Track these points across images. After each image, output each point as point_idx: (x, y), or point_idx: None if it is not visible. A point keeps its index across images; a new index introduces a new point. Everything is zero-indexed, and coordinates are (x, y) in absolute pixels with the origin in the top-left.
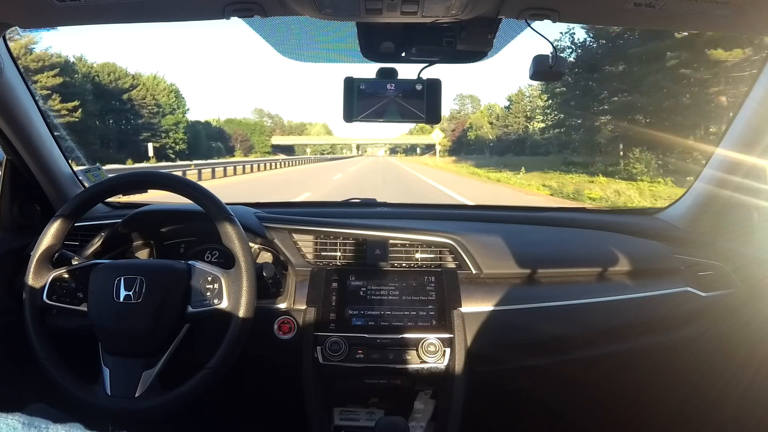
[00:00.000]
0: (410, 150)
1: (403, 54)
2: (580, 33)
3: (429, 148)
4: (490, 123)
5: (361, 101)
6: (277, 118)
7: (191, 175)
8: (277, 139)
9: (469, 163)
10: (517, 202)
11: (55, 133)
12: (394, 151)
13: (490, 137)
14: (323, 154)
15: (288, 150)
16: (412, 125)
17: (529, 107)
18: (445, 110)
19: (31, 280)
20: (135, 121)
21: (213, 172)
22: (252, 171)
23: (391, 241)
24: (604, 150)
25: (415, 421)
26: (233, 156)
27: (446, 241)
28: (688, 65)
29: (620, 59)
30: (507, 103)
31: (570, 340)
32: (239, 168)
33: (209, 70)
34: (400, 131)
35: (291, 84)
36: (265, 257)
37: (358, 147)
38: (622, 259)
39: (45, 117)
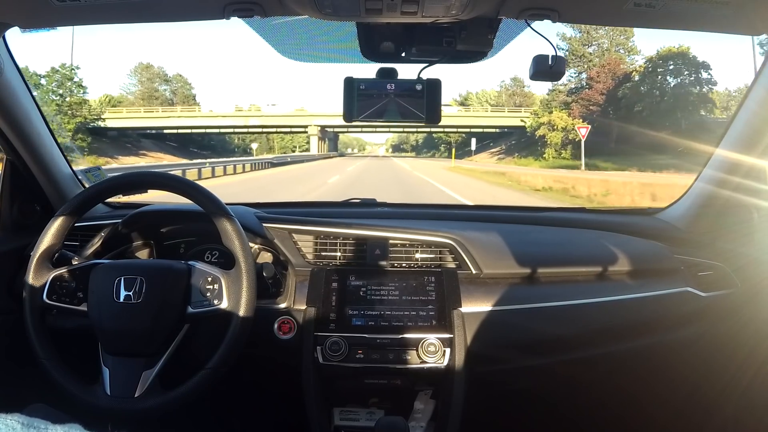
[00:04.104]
0: (427, 146)
1: (403, 54)
2: None
3: (462, 145)
4: None
5: (361, 101)
6: (181, 83)
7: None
8: (120, 119)
9: None
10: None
11: (55, 133)
12: (398, 148)
13: None
14: (295, 150)
15: (178, 142)
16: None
17: None
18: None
19: (31, 279)
20: None
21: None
22: None
23: (391, 241)
24: None
25: (415, 421)
26: None
27: (446, 241)
28: None
29: None
30: None
31: (570, 340)
32: None
33: None
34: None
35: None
36: (265, 257)
37: (322, 132)
38: (622, 259)
39: (45, 117)
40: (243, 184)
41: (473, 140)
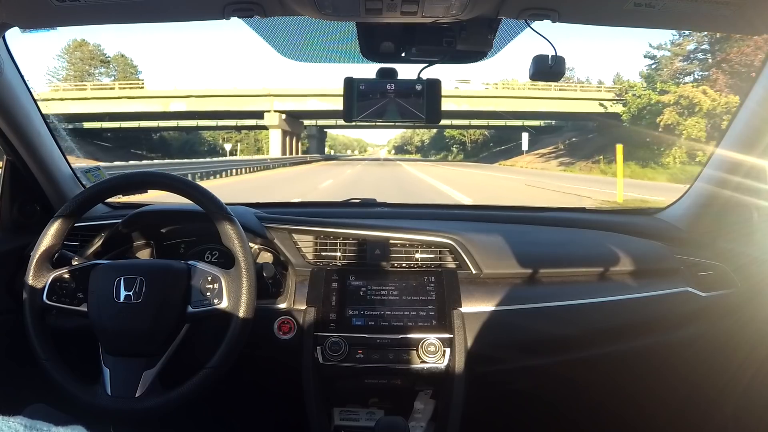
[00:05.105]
0: (435, 146)
1: (403, 54)
2: None
3: (483, 147)
4: None
5: (360, 101)
6: (123, 65)
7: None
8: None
9: None
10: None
11: (55, 133)
12: (401, 149)
13: None
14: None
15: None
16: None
17: None
18: None
19: (31, 280)
20: None
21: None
22: None
23: (391, 241)
24: None
25: (415, 421)
26: None
27: (446, 241)
28: None
29: None
30: None
31: (570, 340)
32: None
33: None
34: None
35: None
36: (265, 257)
37: (291, 122)
38: (623, 259)
39: (45, 117)
40: None
41: (525, 135)
